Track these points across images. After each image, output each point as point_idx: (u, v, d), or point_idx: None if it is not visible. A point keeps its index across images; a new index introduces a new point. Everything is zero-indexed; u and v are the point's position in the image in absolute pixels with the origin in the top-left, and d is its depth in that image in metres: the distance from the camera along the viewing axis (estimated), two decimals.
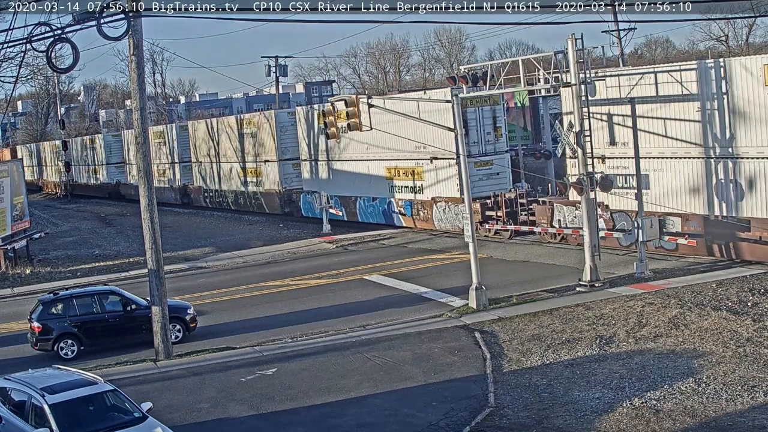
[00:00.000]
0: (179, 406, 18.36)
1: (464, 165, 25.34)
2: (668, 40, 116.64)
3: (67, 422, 14.78)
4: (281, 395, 18.59)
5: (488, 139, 36.89)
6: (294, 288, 30.34)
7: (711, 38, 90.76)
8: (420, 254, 34.48)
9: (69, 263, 38.87)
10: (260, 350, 22.40)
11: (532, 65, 28.91)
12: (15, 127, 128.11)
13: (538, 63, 28.11)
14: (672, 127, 27.83)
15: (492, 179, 36.76)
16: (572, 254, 30.51)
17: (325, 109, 27.77)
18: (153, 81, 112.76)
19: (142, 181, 22.74)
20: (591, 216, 26.01)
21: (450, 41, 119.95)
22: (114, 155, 75.86)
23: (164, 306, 22.57)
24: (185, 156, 61.33)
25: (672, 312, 21.57)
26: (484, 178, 36.53)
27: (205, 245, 41.60)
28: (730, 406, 15.82)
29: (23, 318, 25.52)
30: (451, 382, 18.60)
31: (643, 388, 17.09)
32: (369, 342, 22.15)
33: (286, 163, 49.18)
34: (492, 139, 36.99)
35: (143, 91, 22.67)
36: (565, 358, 19.42)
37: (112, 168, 76.00)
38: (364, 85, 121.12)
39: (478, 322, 23.17)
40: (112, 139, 78.04)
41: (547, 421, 16.02)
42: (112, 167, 75.88)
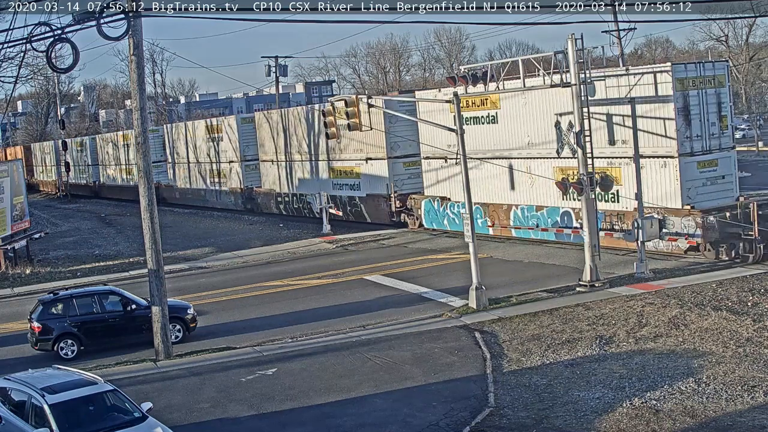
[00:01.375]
0: (179, 406, 18.36)
1: (464, 165, 25.32)
2: (668, 40, 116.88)
3: (67, 422, 14.77)
4: (281, 395, 18.59)
5: (713, 131, 28.65)
6: (294, 288, 30.34)
7: (711, 38, 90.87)
8: (420, 254, 34.48)
9: (69, 263, 38.87)
10: (260, 350, 22.40)
11: (532, 65, 28.91)
12: (15, 127, 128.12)
13: (538, 63, 28.12)
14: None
15: (717, 184, 28.80)
16: (572, 254, 30.51)
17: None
18: (153, 81, 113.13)
19: (142, 181, 22.76)
20: (591, 216, 26.01)
21: (450, 41, 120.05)
22: (152, 153, 70.39)
23: (164, 306, 22.57)
24: (248, 153, 53.88)
25: (672, 312, 21.57)
26: (707, 182, 28.59)
27: (205, 245, 41.60)
28: (730, 406, 15.82)
29: (23, 318, 25.52)
30: (451, 382, 18.60)
31: (643, 388, 17.09)
32: (369, 342, 22.15)
33: (396, 161, 39.95)
34: (717, 131, 28.77)
35: (143, 91, 22.68)
36: (565, 358, 19.42)
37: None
38: (364, 85, 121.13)
39: (478, 322, 23.16)
40: (149, 135, 73.58)
41: (547, 421, 16.02)
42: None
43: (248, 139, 53.45)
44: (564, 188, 26.59)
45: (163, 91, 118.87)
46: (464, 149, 25.52)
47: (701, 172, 28.44)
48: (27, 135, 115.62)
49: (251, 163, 53.66)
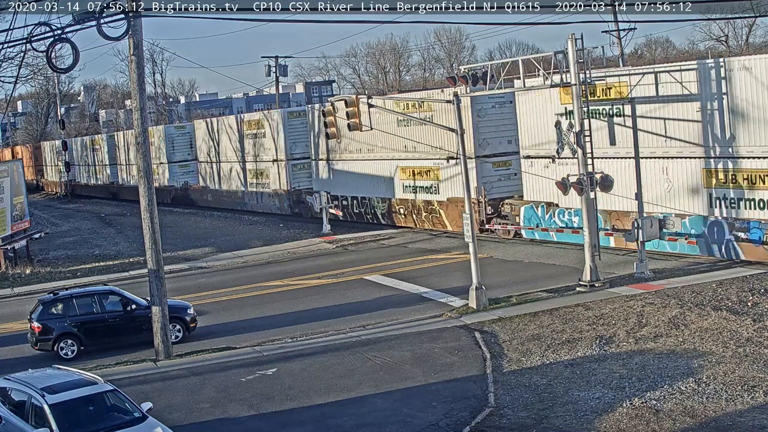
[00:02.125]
0: (179, 406, 18.36)
1: (464, 165, 25.33)
2: (668, 40, 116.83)
3: (67, 422, 14.78)
4: (281, 395, 18.59)
5: None
6: (294, 288, 30.34)
7: (711, 38, 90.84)
8: (420, 254, 34.47)
9: (69, 263, 38.87)
10: (260, 350, 22.40)
11: (532, 65, 28.91)
12: (15, 127, 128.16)
13: (538, 63, 28.11)
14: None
15: None
16: (572, 254, 30.49)
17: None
18: (153, 81, 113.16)
19: (142, 181, 22.76)
20: (591, 216, 26.01)
21: (450, 41, 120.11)
22: (179, 151, 60.88)
23: (164, 306, 22.57)
24: (295, 151, 48.95)
25: (672, 312, 21.57)
26: None
27: (205, 245, 41.59)
28: (730, 406, 15.82)
29: (23, 318, 25.52)
30: (451, 382, 18.60)
31: (643, 388, 17.08)
32: (369, 342, 22.15)
33: (485, 161, 35.18)
34: None
35: (143, 91, 22.68)
36: (565, 358, 19.42)
37: (175, 167, 61.30)
38: (364, 85, 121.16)
39: (478, 322, 23.16)
40: (174, 132, 62.99)
41: (547, 421, 16.02)
42: (175, 166, 61.51)
43: (296, 136, 48.31)
44: (564, 188, 26.55)
45: (163, 91, 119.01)
46: (464, 149, 25.54)
47: None
48: (27, 135, 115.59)
49: (299, 162, 48.71)
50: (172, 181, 61.68)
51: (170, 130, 63.00)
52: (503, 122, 34.96)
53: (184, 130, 61.64)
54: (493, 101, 34.61)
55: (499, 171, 35.34)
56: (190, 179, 60.21)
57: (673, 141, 28.06)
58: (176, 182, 61.46)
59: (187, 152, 60.81)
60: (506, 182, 35.34)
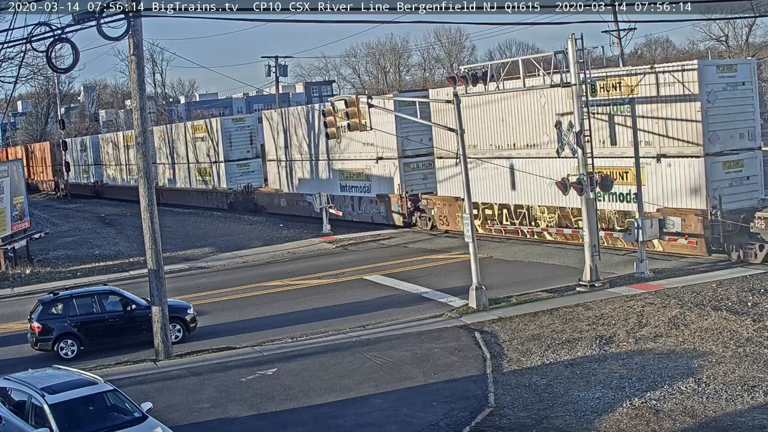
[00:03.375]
0: (179, 406, 18.36)
1: (465, 165, 25.32)
2: (668, 40, 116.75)
3: (67, 422, 14.78)
4: (281, 395, 18.59)
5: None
6: (294, 288, 30.34)
7: (711, 38, 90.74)
8: (420, 254, 34.48)
9: (69, 263, 38.86)
10: (260, 350, 22.40)
11: (532, 65, 28.90)
12: (15, 127, 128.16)
13: (538, 63, 28.10)
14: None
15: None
16: (572, 254, 30.51)
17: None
18: (153, 81, 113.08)
19: (142, 181, 22.76)
20: (591, 216, 26.01)
21: (450, 41, 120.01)
22: (237, 148, 53.93)
23: (164, 306, 22.58)
24: (408, 148, 40.25)
25: (672, 312, 21.57)
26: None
27: (205, 245, 41.59)
28: (730, 406, 15.82)
29: (23, 318, 25.52)
30: (451, 382, 18.60)
31: (643, 388, 17.09)
32: (369, 342, 22.15)
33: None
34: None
35: (143, 91, 22.67)
36: (565, 358, 19.42)
37: (233, 167, 54.00)
38: (364, 85, 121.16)
39: (478, 322, 23.17)
40: (232, 125, 55.41)
41: (547, 421, 16.02)
42: (233, 166, 54.02)
43: (407, 130, 38.96)
44: (564, 188, 26.52)
45: (163, 91, 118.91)
46: (464, 149, 25.53)
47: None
48: (27, 135, 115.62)
49: (412, 161, 40.37)
50: (230, 183, 54.14)
51: (227, 124, 55.45)
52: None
53: (242, 123, 55.45)
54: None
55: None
56: (253, 180, 53.57)
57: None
58: (235, 185, 53.75)
59: (246, 149, 54.43)
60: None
